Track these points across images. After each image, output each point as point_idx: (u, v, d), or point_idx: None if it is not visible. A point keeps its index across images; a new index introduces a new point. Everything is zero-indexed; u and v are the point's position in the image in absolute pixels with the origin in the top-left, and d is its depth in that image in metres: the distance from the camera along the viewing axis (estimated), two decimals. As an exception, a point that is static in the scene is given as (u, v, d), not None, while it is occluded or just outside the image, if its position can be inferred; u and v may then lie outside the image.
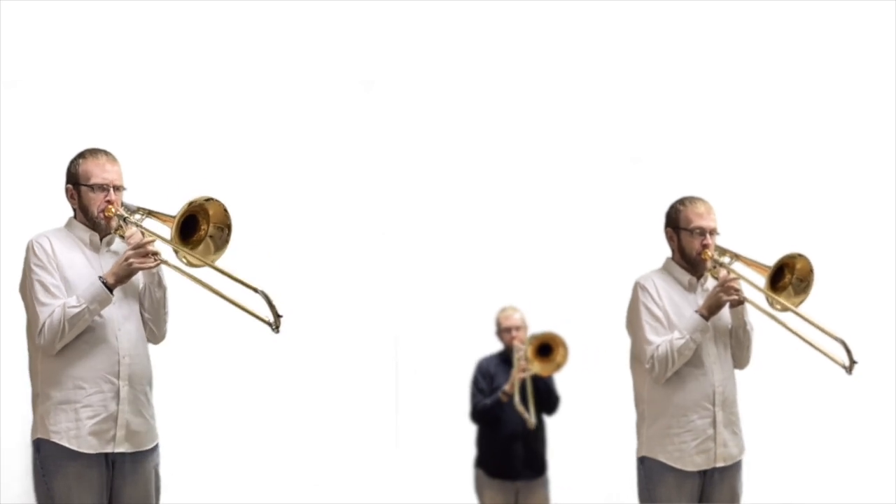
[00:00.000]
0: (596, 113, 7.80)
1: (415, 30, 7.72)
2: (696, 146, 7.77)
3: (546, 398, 6.55)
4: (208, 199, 3.94)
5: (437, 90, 7.80)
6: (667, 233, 4.76)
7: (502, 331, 6.64)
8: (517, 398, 6.38)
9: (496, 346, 6.74)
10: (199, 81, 7.39)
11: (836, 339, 4.61)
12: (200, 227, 3.97)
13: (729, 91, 7.76)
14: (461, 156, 7.81)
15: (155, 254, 3.94)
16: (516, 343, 6.51)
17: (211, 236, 3.97)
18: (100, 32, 7.15)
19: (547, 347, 6.43)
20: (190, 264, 3.96)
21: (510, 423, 6.44)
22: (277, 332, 3.89)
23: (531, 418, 6.38)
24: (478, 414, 6.54)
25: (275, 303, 3.83)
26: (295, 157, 7.60)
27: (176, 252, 3.95)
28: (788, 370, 7.24)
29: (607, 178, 7.80)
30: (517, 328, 6.58)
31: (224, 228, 3.97)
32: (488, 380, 6.57)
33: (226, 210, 3.96)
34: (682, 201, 4.73)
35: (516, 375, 6.40)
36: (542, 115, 7.82)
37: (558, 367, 6.43)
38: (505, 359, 6.62)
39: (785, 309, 4.63)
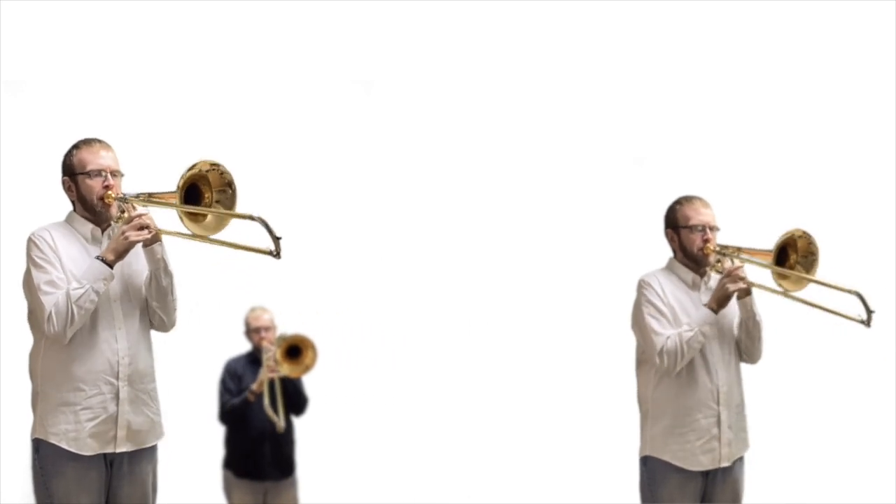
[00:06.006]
0: (599, 113, 7.79)
1: (414, 30, 7.71)
2: (700, 146, 7.77)
3: (295, 399, 6.54)
4: (209, 169, 3.90)
5: (437, 90, 7.79)
6: (667, 234, 4.75)
7: (251, 331, 6.57)
8: (266, 400, 6.35)
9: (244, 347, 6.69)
10: (200, 82, 7.39)
11: (851, 291, 4.59)
12: (204, 196, 3.93)
13: (732, 91, 7.75)
14: (462, 156, 7.81)
15: (148, 226, 3.90)
16: (265, 344, 6.45)
17: (218, 201, 3.93)
18: (100, 32, 7.16)
19: (296, 349, 6.40)
20: (197, 236, 3.92)
21: (258, 423, 6.42)
22: (279, 257, 3.86)
23: (280, 421, 6.37)
24: (226, 414, 6.49)
25: (272, 226, 3.79)
26: (294, 158, 7.60)
27: (185, 220, 3.90)
28: (789, 370, 7.24)
29: (610, 178, 7.79)
30: (266, 329, 6.51)
31: (226, 189, 3.93)
32: (236, 380, 6.52)
33: (222, 172, 3.92)
34: (678, 201, 4.73)
35: (265, 375, 6.36)
36: (544, 115, 7.81)
37: (307, 369, 6.40)
38: (253, 359, 6.57)
39: (798, 285, 4.60)
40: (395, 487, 7.57)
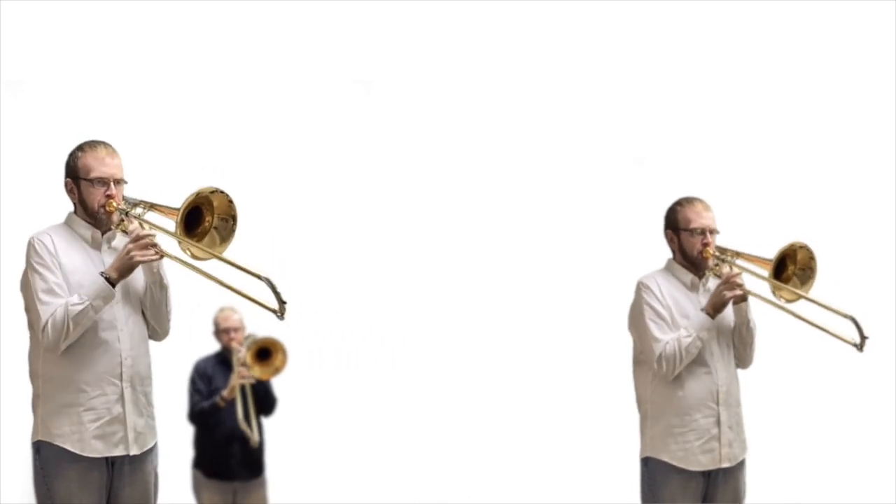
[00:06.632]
0: (599, 113, 7.79)
1: (414, 30, 7.71)
2: (699, 146, 7.77)
3: (264, 400, 6.54)
4: (213, 191, 3.88)
5: (437, 90, 7.79)
6: (667, 235, 4.75)
7: (220, 331, 6.57)
8: (240, 413, 6.36)
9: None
10: (201, 82, 7.39)
11: (846, 315, 4.60)
12: (205, 219, 3.91)
13: (731, 91, 7.75)
14: (462, 156, 7.80)
15: (155, 245, 3.88)
16: (234, 344, 6.46)
17: (216, 228, 3.91)
18: (101, 32, 7.15)
19: (266, 352, 6.41)
20: (194, 257, 3.90)
21: (227, 423, 6.43)
22: (282, 318, 3.83)
23: (255, 436, 6.40)
24: (195, 416, 6.50)
25: (279, 289, 3.77)
26: (295, 158, 7.60)
27: (180, 244, 3.88)
28: (791, 370, 7.24)
29: (610, 178, 7.79)
30: (235, 329, 6.51)
31: (229, 220, 3.91)
32: (206, 381, 6.52)
33: (230, 201, 3.89)
34: (679, 202, 4.73)
35: (236, 381, 6.37)
36: (543, 115, 7.81)
37: (277, 371, 6.41)
38: (222, 360, 6.57)
39: (792, 297, 4.61)
40: (369, 488, 7.55)
